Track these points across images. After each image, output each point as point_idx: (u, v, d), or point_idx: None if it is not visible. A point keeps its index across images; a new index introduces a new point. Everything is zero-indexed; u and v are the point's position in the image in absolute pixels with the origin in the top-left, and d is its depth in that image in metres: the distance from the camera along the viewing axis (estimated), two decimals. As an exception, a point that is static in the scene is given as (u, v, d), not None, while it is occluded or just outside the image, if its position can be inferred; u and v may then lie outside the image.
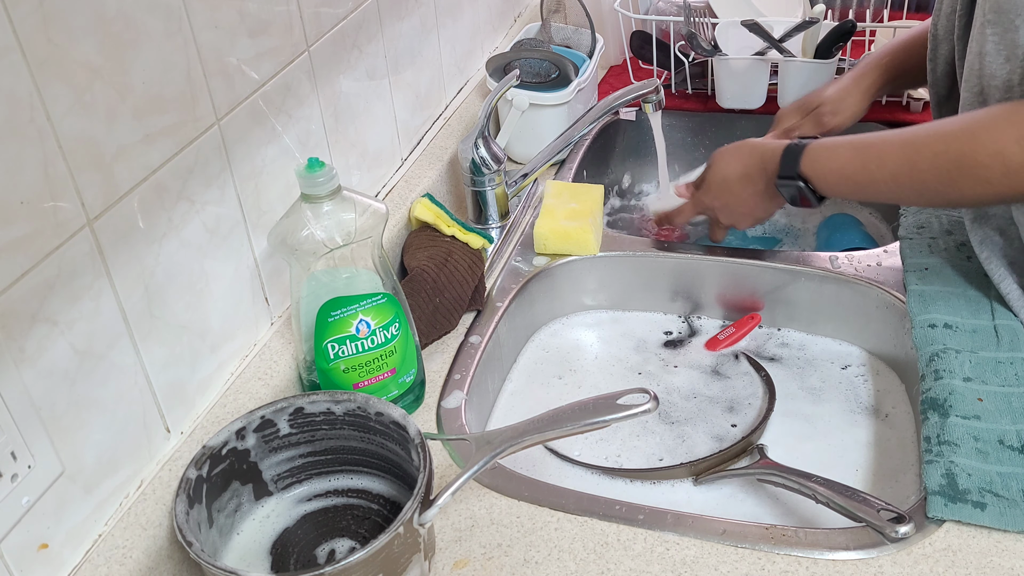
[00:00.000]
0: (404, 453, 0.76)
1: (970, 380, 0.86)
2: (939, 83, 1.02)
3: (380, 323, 0.84)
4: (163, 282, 0.75)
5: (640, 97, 1.15)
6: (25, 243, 0.61)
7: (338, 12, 0.97)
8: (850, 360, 1.06)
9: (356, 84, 1.02)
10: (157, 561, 0.71)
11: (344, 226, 0.80)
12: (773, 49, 1.31)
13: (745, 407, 1.01)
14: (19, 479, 0.62)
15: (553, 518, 0.79)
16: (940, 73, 1.01)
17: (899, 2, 1.55)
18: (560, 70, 1.28)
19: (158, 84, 0.71)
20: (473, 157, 1.11)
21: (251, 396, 0.84)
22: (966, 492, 0.76)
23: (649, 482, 0.92)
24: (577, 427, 0.73)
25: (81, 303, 0.67)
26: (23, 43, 0.59)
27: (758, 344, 1.10)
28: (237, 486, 0.77)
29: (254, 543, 0.77)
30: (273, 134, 0.88)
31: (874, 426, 0.97)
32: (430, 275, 0.98)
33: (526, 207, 1.21)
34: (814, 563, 0.73)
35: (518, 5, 1.55)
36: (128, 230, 0.70)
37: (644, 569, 0.74)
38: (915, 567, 0.72)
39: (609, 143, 1.44)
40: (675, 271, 1.12)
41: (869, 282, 1.03)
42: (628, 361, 1.09)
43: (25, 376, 0.62)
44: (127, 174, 0.69)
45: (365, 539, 0.77)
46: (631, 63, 1.53)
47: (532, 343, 1.12)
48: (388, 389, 0.87)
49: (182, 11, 0.73)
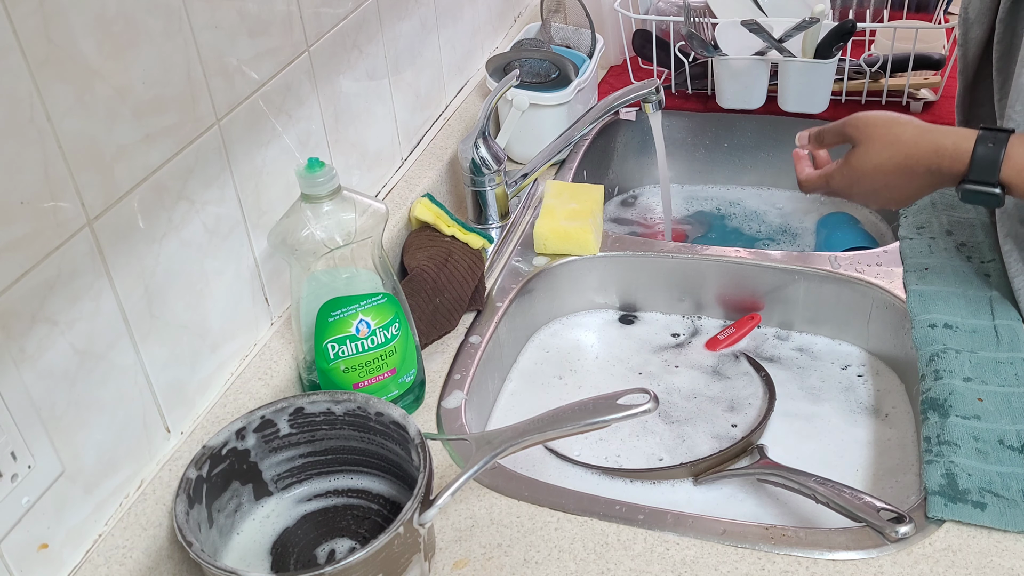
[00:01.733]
0: (404, 453, 0.76)
1: (970, 380, 0.86)
2: (969, 68, 0.97)
3: (380, 323, 0.84)
4: (163, 282, 0.75)
5: (640, 97, 1.15)
6: (25, 243, 0.61)
7: (338, 12, 0.97)
8: (850, 360, 1.06)
9: (356, 84, 1.02)
10: (157, 561, 0.71)
11: (344, 226, 0.80)
12: (773, 49, 1.31)
13: (745, 407, 1.01)
14: (19, 479, 0.62)
15: (553, 518, 0.79)
16: (971, 57, 0.96)
17: (899, 2, 1.56)
18: (560, 70, 1.28)
19: (158, 84, 0.71)
20: (473, 157, 1.11)
21: (251, 396, 0.84)
22: (966, 492, 0.76)
23: (649, 482, 0.92)
24: (577, 427, 0.73)
25: (81, 303, 0.67)
26: (23, 43, 0.59)
27: (758, 344, 1.10)
28: (237, 486, 0.77)
29: (254, 543, 0.77)
30: (273, 134, 0.88)
31: (874, 426, 0.97)
32: (430, 275, 0.98)
33: (526, 207, 1.21)
34: (814, 563, 0.73)
35: (518, 5, 1.55)
36: (128, 230, 0.70)
37: (644, 569, 0.74)
38: (915, 567, 0.72)
39: (609, 143, 1.44)
40: (675, 271, 1.12)
41: (869, 282, 1.04)
42: (628, 361, 1.09)
43: (25, 376, 0.62)
44: (127, 174, 0.69)
45: (365, 539, 0.77)
46: (631, 63, 1.53)
47: (532, 343, 1.12)
48: (388, 389, 0.87)
49: (182, 11, 0.73)
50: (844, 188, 0.92)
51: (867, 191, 0.91)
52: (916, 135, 0.86)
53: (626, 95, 1.15)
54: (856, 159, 0.90)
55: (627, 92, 1.15)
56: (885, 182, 0.88)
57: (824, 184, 0.94)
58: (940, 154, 0.84)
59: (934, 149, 0.85)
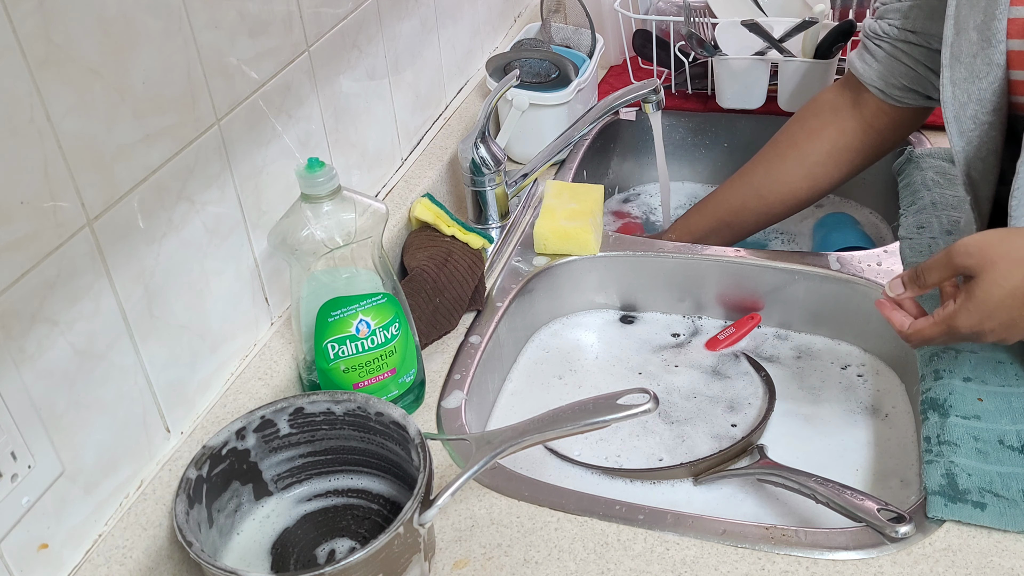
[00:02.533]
0: (404, 453, 0.76)
1: (970, 380, 0.86)
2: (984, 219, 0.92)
3: (380, 323, 0.84)
4: (163, 282, 0.75)
5: (640, 97, 1.15)
6: (25, 243, 0.61)
7: (338, 12, 0.97)
8: (850, 360, 1.06)
9: (356, 84, 1.02)
10: (157, 561, 0.71)
11: (344, 226, 0.80)
12: (773, 49, 1.31)
13: (745, 407, 1.01)
14: (19, 479, 0.62)
15: (553, 518, 0.79)
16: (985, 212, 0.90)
17: (899, 2, 1.55)
18: (560, 70, 1.28)
19: (158, 84, 0.71)
20: (473, 157, 1.11)
21: (251, 396, 0.84)
22: (966, 492, 0.76)
23: (649, 482, 0.92)
24: (577, 427, 0.73)
25: (81, 303, 0.67)
26: (23, 43, 0.59)
27: (758, 344, 1.10)
28: (237, 486, 0.77)
29: (254, 543, 0.77)
30: (273, 134, 0.88)
31: (874, 426, 0.97)
32: (430, 275, 0.98)
33: (526, 207, 1.21)
34: (814, 563, 0.73)
35: (518, 5, 1.55)
36: (128, 230, 0.70)
37: (644, 569, 0.74)
38: (915, 567, 0.72)
39: (609, 143, 1.44)
40: (675, 271, 1.12)
41: (869, 282, 1.03)
42: (628, 361, 1.09)
43: (25, 376, 0.62)
44: (127, 174, 0.69)
45: (365, 539, 0.77)
46: (631, 63, 1.53)
47: (532, 343, 1.12)
48: (388, 389, 0.87)
49: (182, 11, 0.73)
50: (974, 327, 0.77)
51: (1005, 323, 0.77)
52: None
53: (626, 95, 1.15)
54: (983, 291, 0.76)
55: (627, 92, 1.15)
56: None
57: (945, 330, 0.79)
58: None
59: None
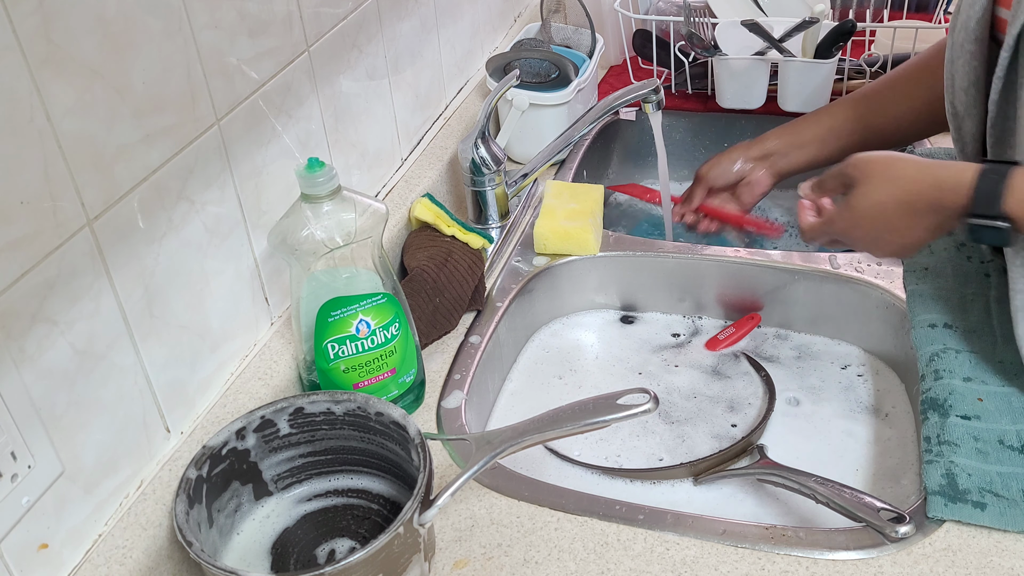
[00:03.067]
0: (404, 453, 0.76)
1: (970, 380, 0.86)
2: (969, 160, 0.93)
3: (380, 323, 0.84)
4: (163, 282, 0.75)
5: (640, 97, 1.15)
6: (25, 243, 0.61)
7: (338, 12, 0.97)
8: (850, 360, 1.06)
9: (356, 84, 1.02)
10: (157, 561, 0.71)
11: (344, 226, 0.80)
12: (773, 49, 1.31)
13: (745, 407, 1.01)
14: (19, 479, 0.62)
15: (553, 518, 0.79)
16: (971, 152, 0.92)
17: (899, 2, 1.56)
18: (560, 70, 1.28)
19: (158, 84, 0.71)
20: (473, 157, 1.11)
21: (251, 396, 0.84)
22: (966, 492, 0.76)
23: (649, 482, 0.92)
24: (577, 427, 0.73)
25: (81, 303, 0.67)
26: (23, 43, 0.59)
27: (758, 344, 1.10)
28: (237, 486, 0.77)
29: (254, 543, 0.77)
30: (273, 134, 0.88)
31: (874, 426, 0.97)
32: (430, 275, 0.98)
33: (526, 207, 1.21)
34: (814, 563, 0.73)
35: (518, 5, 1.55)
36: (128, 230, 0.70)
37: (644, 569, 0.74)
38: (915, 567, 0.72)
39: (609, 143, 1.44)
40: (675, 271, 1.12)
41: (869, 282, 1.04)
42: (628, 361, 1.09)
43: (25, 376, 0.62)
44: (127, 174, 0.69)
45: (365, 539, 0.77)
46: (631, 63, 1.53)
47: (532, 343, 1.12)
48: (388, 389, 0.87)
49: (182, 11, 0.73)
50: (846, 231, 0.87)
51: (869, 233, 0.85)
52: (916, 170, 0.82)
53: (626, 95, 1.15)
54: (856, 199, 0.85)
55: (627, 92, 1.15)
56: (887, 222, 0.83)
57: (825, 229, 0.90)
58: (941, 188, 0.80)
59: (935, 183, 0.81)
